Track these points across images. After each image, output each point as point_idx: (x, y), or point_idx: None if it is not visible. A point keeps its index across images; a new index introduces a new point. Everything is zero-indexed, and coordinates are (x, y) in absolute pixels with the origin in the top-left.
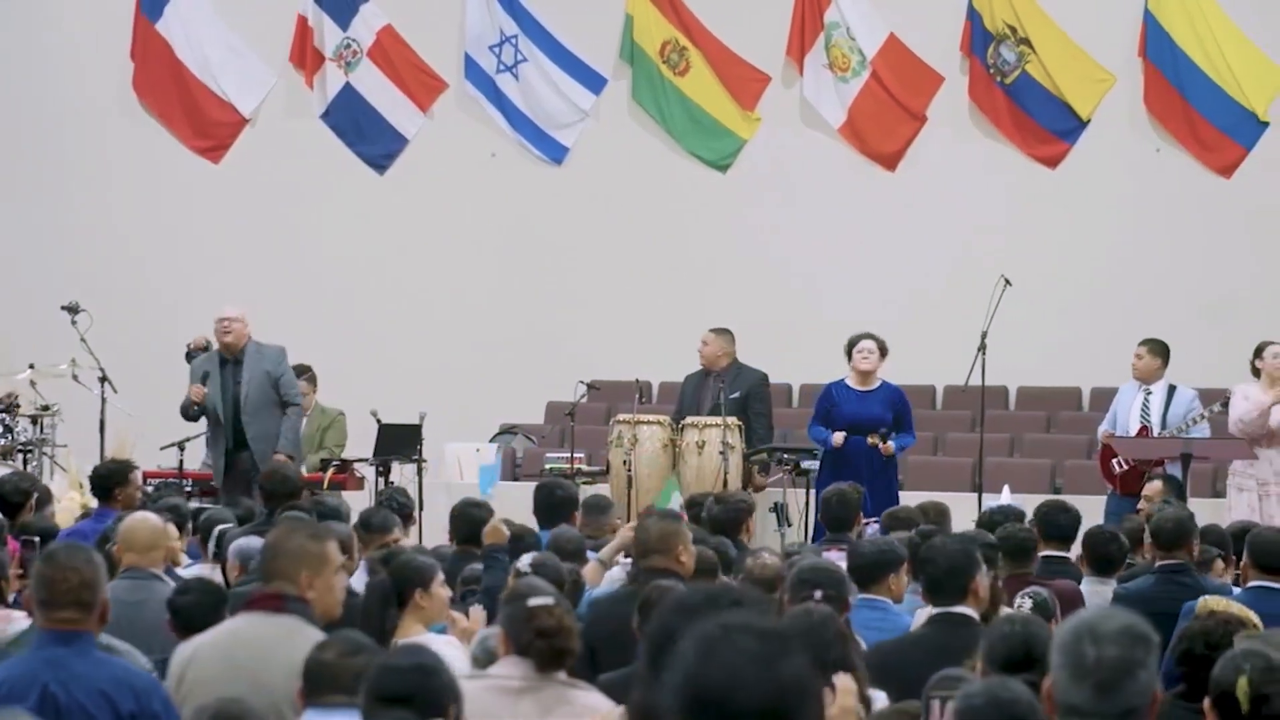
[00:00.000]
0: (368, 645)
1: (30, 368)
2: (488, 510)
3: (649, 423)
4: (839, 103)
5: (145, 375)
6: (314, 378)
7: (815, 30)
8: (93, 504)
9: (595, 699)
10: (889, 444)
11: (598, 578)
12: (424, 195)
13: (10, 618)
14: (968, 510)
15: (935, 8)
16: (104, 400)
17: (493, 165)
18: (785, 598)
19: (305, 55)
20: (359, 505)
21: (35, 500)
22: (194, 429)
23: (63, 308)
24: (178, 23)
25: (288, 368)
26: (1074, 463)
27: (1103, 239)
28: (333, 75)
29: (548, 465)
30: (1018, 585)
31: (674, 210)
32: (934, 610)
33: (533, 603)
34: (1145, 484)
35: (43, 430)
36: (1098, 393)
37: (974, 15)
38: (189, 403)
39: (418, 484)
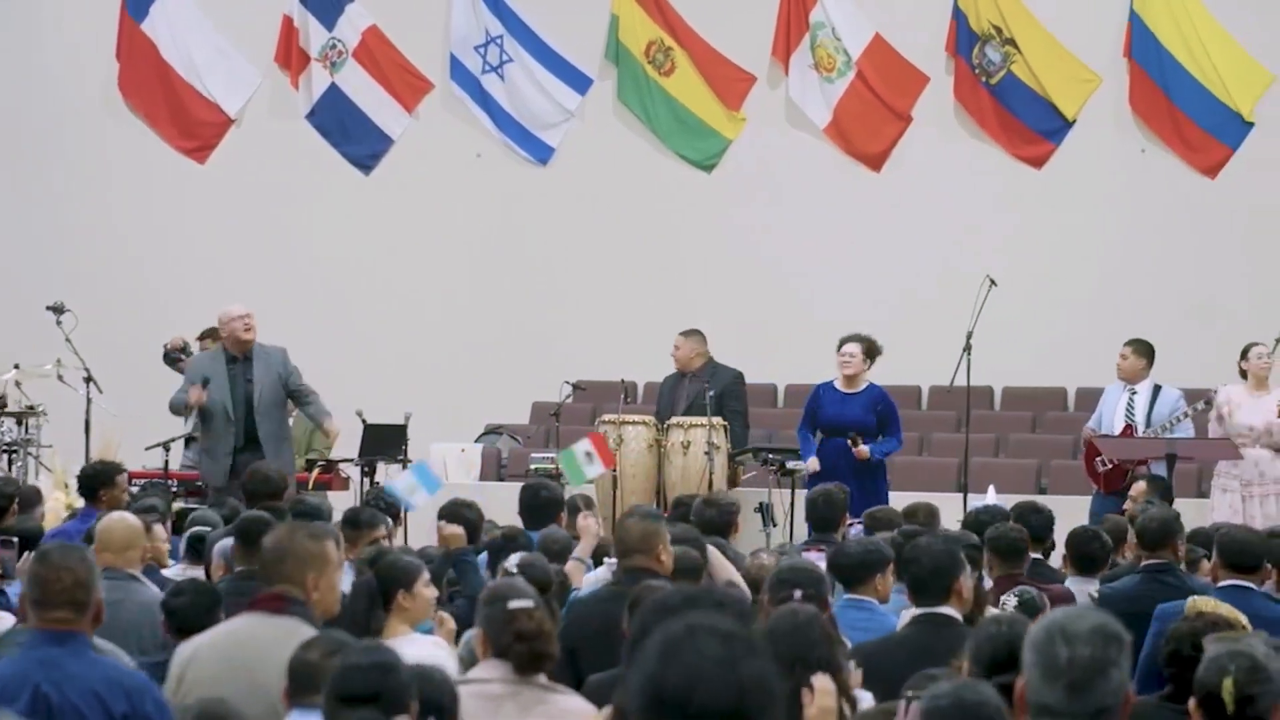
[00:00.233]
0: (352, 645)
1: (15, 368)
2: (478, 511)
3: (634, 423)
4: (824, 103)
5: (130, 376)
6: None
7: (800, 30)
8: (78, 504)
9: (575, 702)
10: (862, 448)
11: (578, 578)
12: (409, 196)
13: None
14: (953, 511)
15: (920, 8)
16: (89, 401)
17: (478, 166)
18: (765, 598)
19: (290, 55)
20: (344, 506)
21: (18, 503)
22: (179, 429)
23: (48, 308)
24: (163, 23)
25: (293, 366)
26: (1059, 463)
27: (1088, 239)
28: (318, 76)
29: (533, 466)
30: (1010, 586)
31: (659, 210)
32: (917, 611)
33: (513, 605)
34: (1131, 483)
35: (28, 430)
36: (1083, 393)
37: (959, 15)
38: (182, 401)
39: None
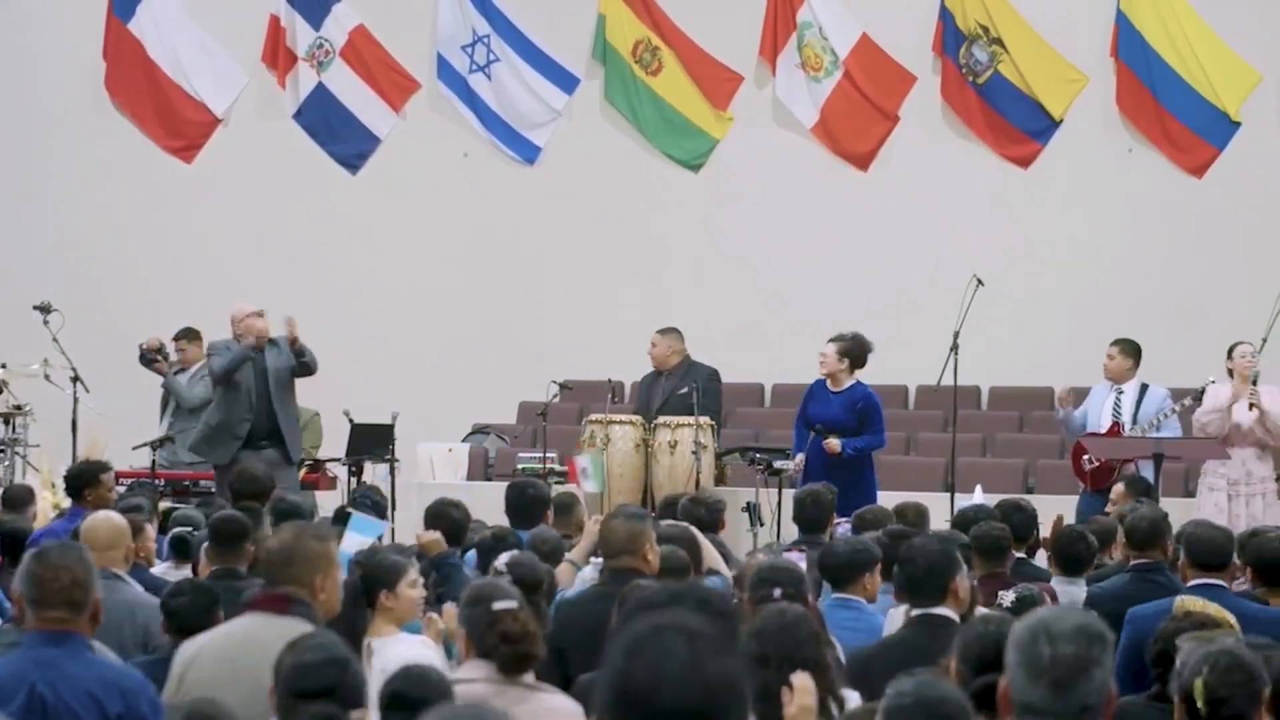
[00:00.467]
0: (302, 642)
1: (2, 367)
2: (464, 511)
3: (621, 422)
4: (811, 102)
5: (117, 375)
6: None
7: (788, 30)
8: (65, 503)
9: (560, 701)
10: (831, 441)
11: (569, 579)
12: (396, 195)
13: None
14: (940, 510)
15: (907, 8)
16: (76, 400)
17: (465, 165)
18: (745, 596)
19: (277, 55)
20: (331, 505)
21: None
22: (167, 429)
23: (35, 308)
24: (150, 22)
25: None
26: (1046, 462)
27: (1075, 239)
28: (305, 75)
29: (520, 465)
30: (993, 584)
31: (646, 210)
32: (914, 612)
33: (497, 606)
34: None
35: (15, 430)
36: (1070, 393)
37: (946, 15)
38: (239, 357)
39: (390, 484)
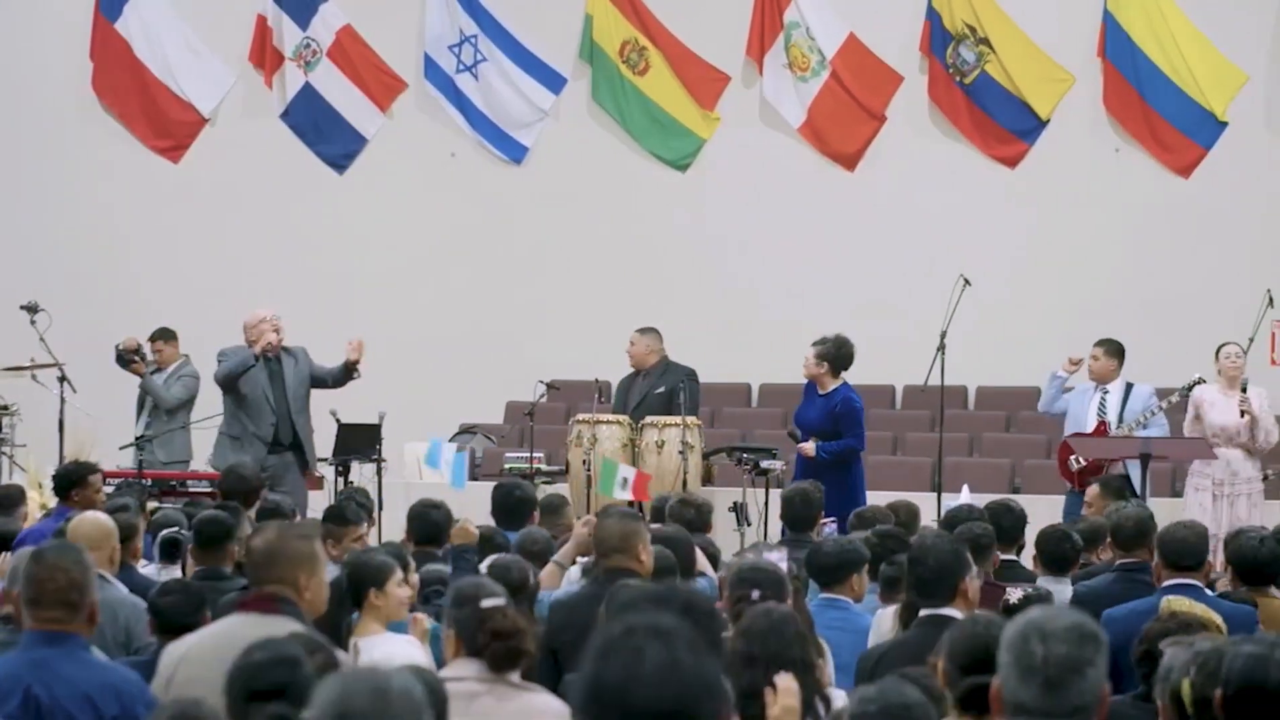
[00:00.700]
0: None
1: None
2: (446, 512)
3: (608, 422)
4: (799, 102)
5: (104, 375)
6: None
7: (775, 30)
8: (52, 503)
9: (547, 700)
10: (805, 445)
11: (555, 581)
12: (383, 195)
13: None
14: (927, 510)
15: (894, 8)
16: (63, 400)
17: (452, 165)
18: (725, 595)
19: (265, 55)
20: (320, 505)
21: None
22: (144, 429)
23: (22, 307)
24: (137, 22)
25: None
26: (1033, 462)
27: (1062, 239)
28: (292, 75)
29: (507, 465)
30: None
31: (634, 210)
32: (922, 612)
33: (486, 604)
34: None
35: (2, 430)
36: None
37: (933, 15)
38: (246, 360)
39: (377, 484)
